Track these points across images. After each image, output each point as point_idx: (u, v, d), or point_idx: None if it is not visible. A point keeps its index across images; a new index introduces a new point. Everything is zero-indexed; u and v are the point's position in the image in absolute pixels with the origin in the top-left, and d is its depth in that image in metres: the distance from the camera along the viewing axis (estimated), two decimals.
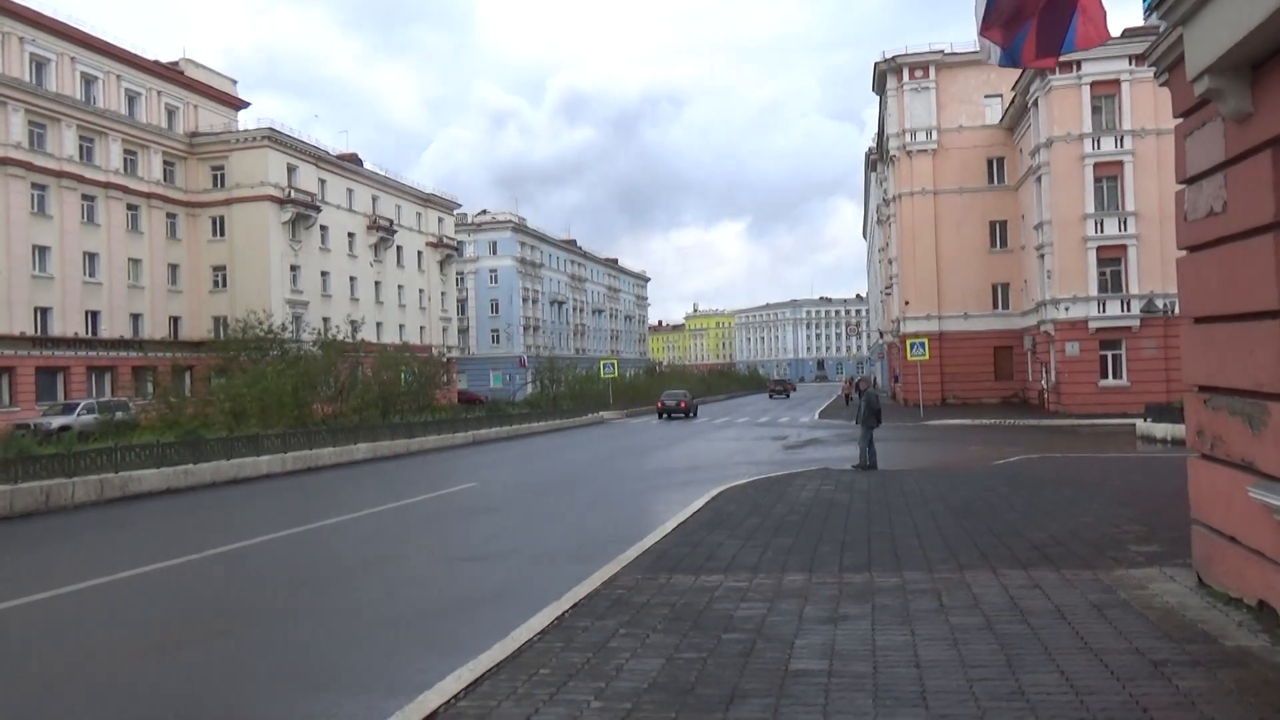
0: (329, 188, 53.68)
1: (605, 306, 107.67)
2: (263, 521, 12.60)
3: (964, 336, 43.18)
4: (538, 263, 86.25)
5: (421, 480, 17.78)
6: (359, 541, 10.62)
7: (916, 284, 44.00)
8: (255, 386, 25.03)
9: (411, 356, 36.66)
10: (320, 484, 17.62)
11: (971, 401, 42.06)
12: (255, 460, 18.77)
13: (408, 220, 62.70)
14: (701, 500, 11.95)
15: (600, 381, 51.92)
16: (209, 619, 7.15)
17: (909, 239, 44.45)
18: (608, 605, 6.60)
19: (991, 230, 43.65)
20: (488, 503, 13.84)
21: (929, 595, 6.60)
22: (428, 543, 10.47)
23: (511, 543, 10.14)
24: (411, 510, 13.23)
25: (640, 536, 9.46)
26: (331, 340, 31.91)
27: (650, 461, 20.64)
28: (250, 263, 47.54)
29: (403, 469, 20.40)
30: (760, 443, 25.14)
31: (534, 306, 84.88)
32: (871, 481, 13.75)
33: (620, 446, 26.08)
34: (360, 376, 31.07)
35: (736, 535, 9.28)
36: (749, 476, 15.13)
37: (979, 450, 20.66)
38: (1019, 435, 25.46)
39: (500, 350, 79.27)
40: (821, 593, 6.75)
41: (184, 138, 47.85)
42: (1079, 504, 10.82)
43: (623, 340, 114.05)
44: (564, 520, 11.84)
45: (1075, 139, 34.79)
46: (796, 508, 11.08)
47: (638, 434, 31.88)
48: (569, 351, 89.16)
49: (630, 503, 13.61)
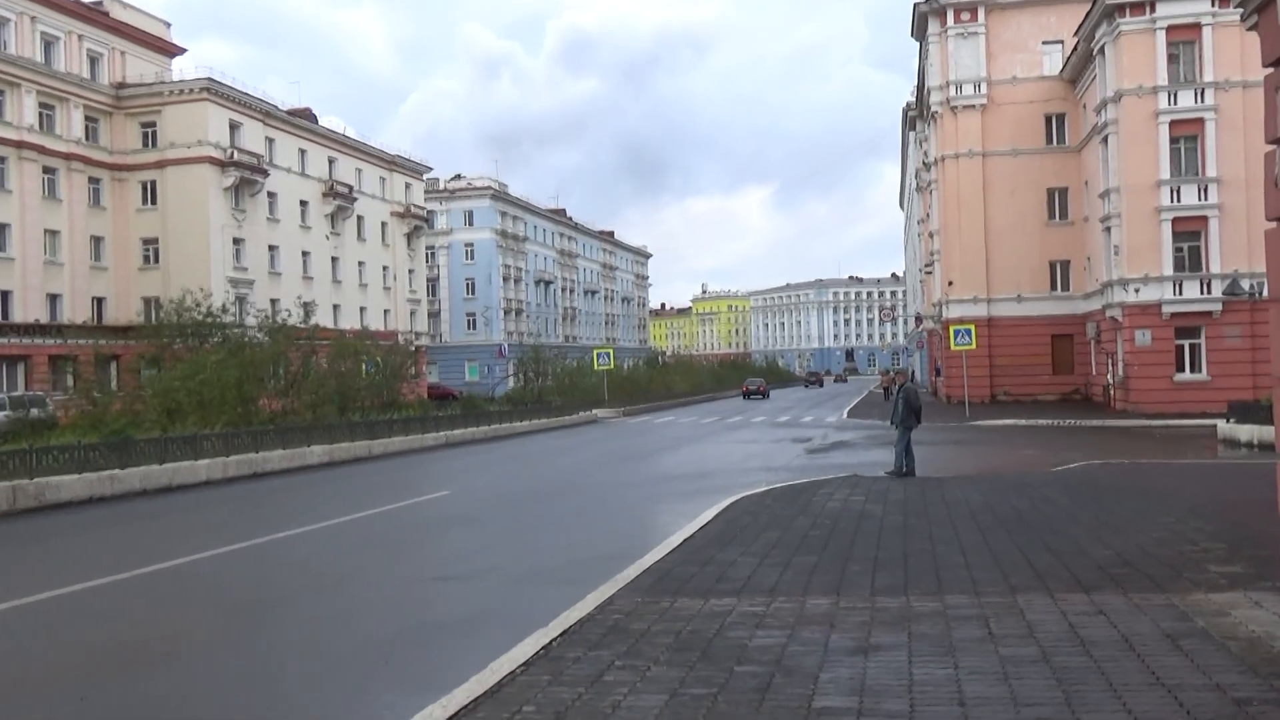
0: (278, 148, 53.66)
1: (599, 287, 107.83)
2: (201, 535, 12.64)
3: (1016, 323, 43.22)
4: (521, 236, 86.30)
5: (386, 488, 17.91)
6: (313, 559, 10.70)
7: (961, 261, 44.01)
8: (192, 379, 25.06)
9: (374, 345, 36.58)
10: (268, 492, 17.70)
11: (1025, 398, 42.12)
12: (193, 464, 18.83)
13: (370, 186, 62.70)
14: (711, 512, 12.04)
15: (593, 374, 52.03)
16: (135, 651, 7.18)
17: (953, 209, 44.43)
18: (602, 633, 6.63)
19: (1049, 199, 43.63)
20: (463, 514, 13.93)
21: (975, 622, 6.62)
22: (393, 560, 10.54)
23: (490, 560, 10.22)
24: (375, 522, 13.32)
25: (640, 553, 9.53)
26: (281, 325, 31.73)
27: (652, 467, 20.81)
28: (186, 235, 47.57)
29: (364, 475, 20.52)
30: (779, 445, 25.31)
31: (516, 287, 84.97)
32: (909, 490, 13.84)
33: (617, 449, 26.29)
34: (314, 368, 31.15)
35: (752, 552, 9.34)
36: (766, 484, 15.24)
37: (1034, 455, 20.72)
38: (1080, 438, 25.52)
39: (477, 338, 79.41)
40: (850, 619, 6.79)
41: (109, 89, 47.78)
42: (1150, 517, 10.87)
43: (620, 326, 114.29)
44: (551, 534, 11.94)
45: (1148, 93, 34.73)
46: (821, 521, 11.16)
47: (637, 435, 32.07)
48: (557, 339, 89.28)
49: (628, 514, 13.71)
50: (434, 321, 77.73)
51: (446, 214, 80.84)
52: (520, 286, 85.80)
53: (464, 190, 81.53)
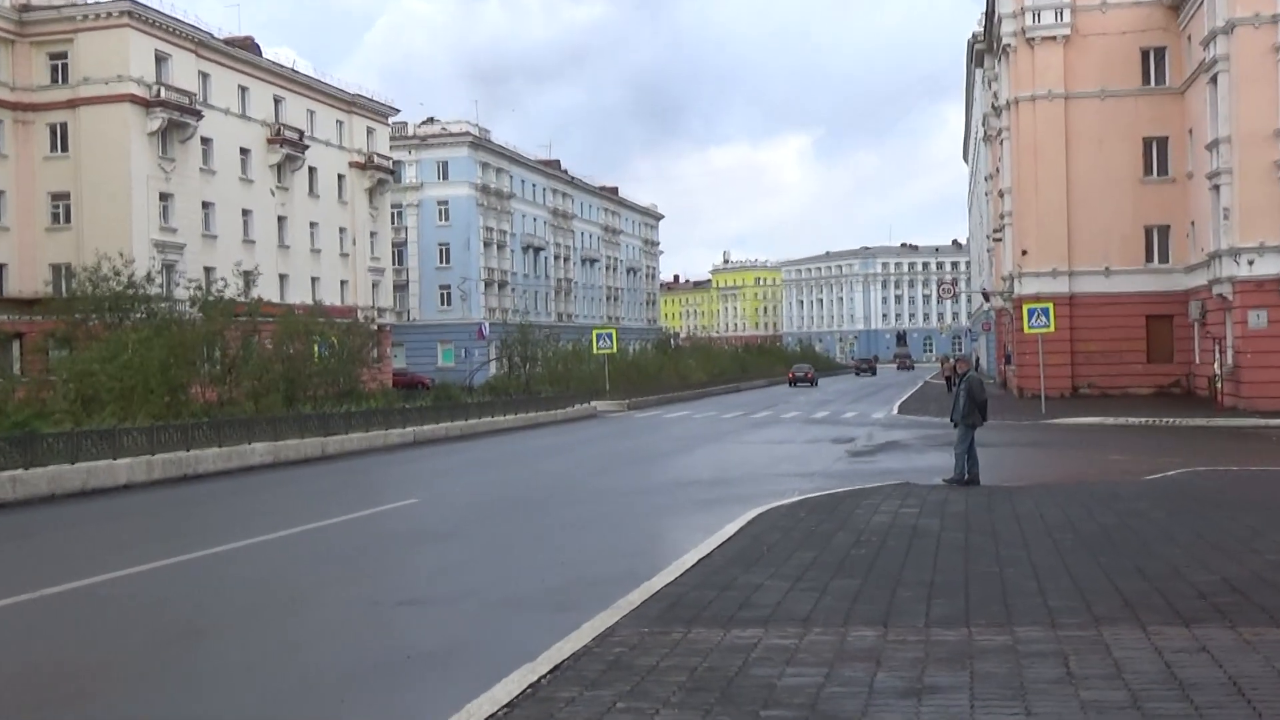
0: (214, 85, 53.69)
1: (600, 255, 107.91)
2: (122, 548, 12.70)
3: (1104, 301, 43.11)
4: (506, 192, 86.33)
5: (343, 494, 18.05)
6: (256, 578, 10.76)
7: (1038, 227, 43.87)
8: (112, 362, 25.13)
9: (328, 322, 36.56)
10: (202, 497, 17.77)
11: (1114, 392, 42.05)
12: (111, 464, 18.88)
13: (324, 131, 62.70)
14: (734, 525, 12.12)
15: (592, 360, 52.10)
16: (37, 690, 7.14)
17: (1028, 162, 44.27)
18: (602, 669, 6.64)
19: (1145, 151, 43.43)
20: (435, 525, 14.03)
21: (1051, 660, 6.63)
22: (351, 580, 10.62)
23: (468, 581, 10.31)
24: (329, 535, 13.38)
25: (647, 574, 9.57)
26: (217, 299, 31.81)
27: (663, 470, 20.93)
28: (104, 189, 47.66)
29: (316, 478, 20.59)
30: (816, 447, 25.39)
31: (500, 254, 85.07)
32: (972, 502, 13.90)
33: (621, 449, 26.43)
34: (257, 350, 31.20)
35: (782, 574, 9.37)
36: (800, 493, 15.34)
37: (1123, 460, 20.77)
38: (1180, 439, 25.53)
39: (452, 315, 79.57)
40: (900, 655, 6.79)
41: (11, 12, 47.83)
42: (1265, 536, 10.87)
43: (624, 302, 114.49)
44: (540, 551, 12.02)
45: (1266, 22, 34.47)
46: (866, 537, 11.22)
47: (646, 432, 32.31)
48: (548, 317, 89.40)
49: (634, 528, 13.82)
50: (401, 295, 77.86)
51: (416, 165, 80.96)
52: (504, 254, 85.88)
53: (438, 137, 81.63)
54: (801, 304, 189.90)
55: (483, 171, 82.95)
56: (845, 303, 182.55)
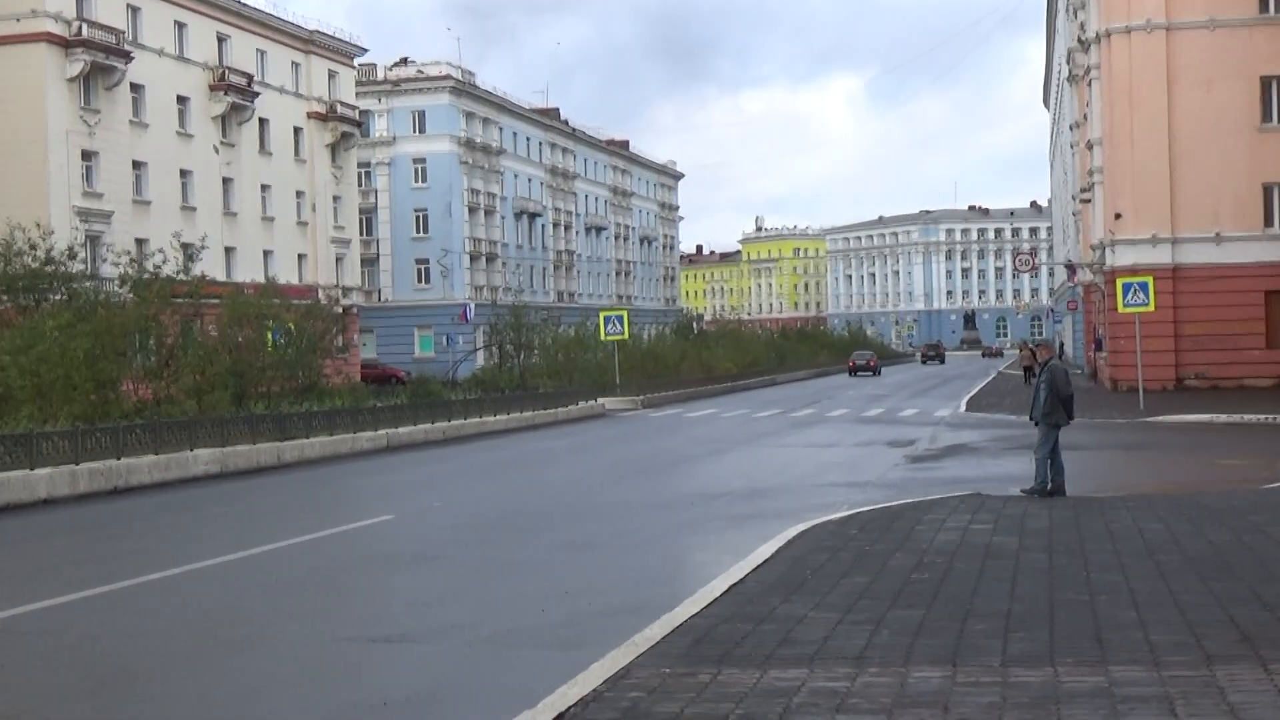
0: (146, 21, 53.77)
1: (608, 222, 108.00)
2: (40, 575, 12.73)
3: (1214, 273, 42.86)
4: (495, 147, 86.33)
5: (303, 510, 18.19)
6: (201, 611, 10.76)
7: (1134, 185, 43.65)
8: (26, 353, 25.17)
9: (284, 305, 36.54)
10: (137, 514, 17.75)
11: (1226, 384, 41.84)
12: (27, 475, 18.91)
13: (278, 76, 62.74)
14: (771, 546, 12.14)
15: (599, 348, 52.32)
16: None
17: (1122, 108, 44.03)
18: (615, 717, 6.64)
19: (1264, 93, 43.14)
20: (413, 547, 14.06)
21: (1154, 705, 6.59)
22: (314, 612, 10.66)
23: (452, 613, 10.36)
24: (286, 559, 13.43)
25: (668, 605, 9.56)
26: (152, 277, 31.82)
27: (685, 480, 21.00)
28: (14, 146, 47.82)
29: (271, 490, 20.71)
30: (868, 451, 25.45)
31: (488, 222, 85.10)
32: (1056, 516, 13.84)
33: (634, 455, 26.69)
34: (200, 338, 31.25)
35: (830, 603, 9.39)
36: (850, 507, 15.38)
37: (1239, 465, 20.68)
38: None
39: (431, 295, 79.64)
40: (972, 700, 6.78)
41: None
42: None
43: (637, 279, 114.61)
44: (538, 577, 12.05)
45: None
46: (930, 559, 11.26)
47: (663, 434, 32.52)
48: (546, 297, 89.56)
49: (652, 549, 13.86)
50: (370, 272, 78.06)
51: (387, 116, 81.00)
52: (493, 221, 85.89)
53: (413, 81, 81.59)
54: (849, 279, 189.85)
55: (467, 123, 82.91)
56: (902, 278, 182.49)
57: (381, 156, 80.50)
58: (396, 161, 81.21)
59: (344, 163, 68.75)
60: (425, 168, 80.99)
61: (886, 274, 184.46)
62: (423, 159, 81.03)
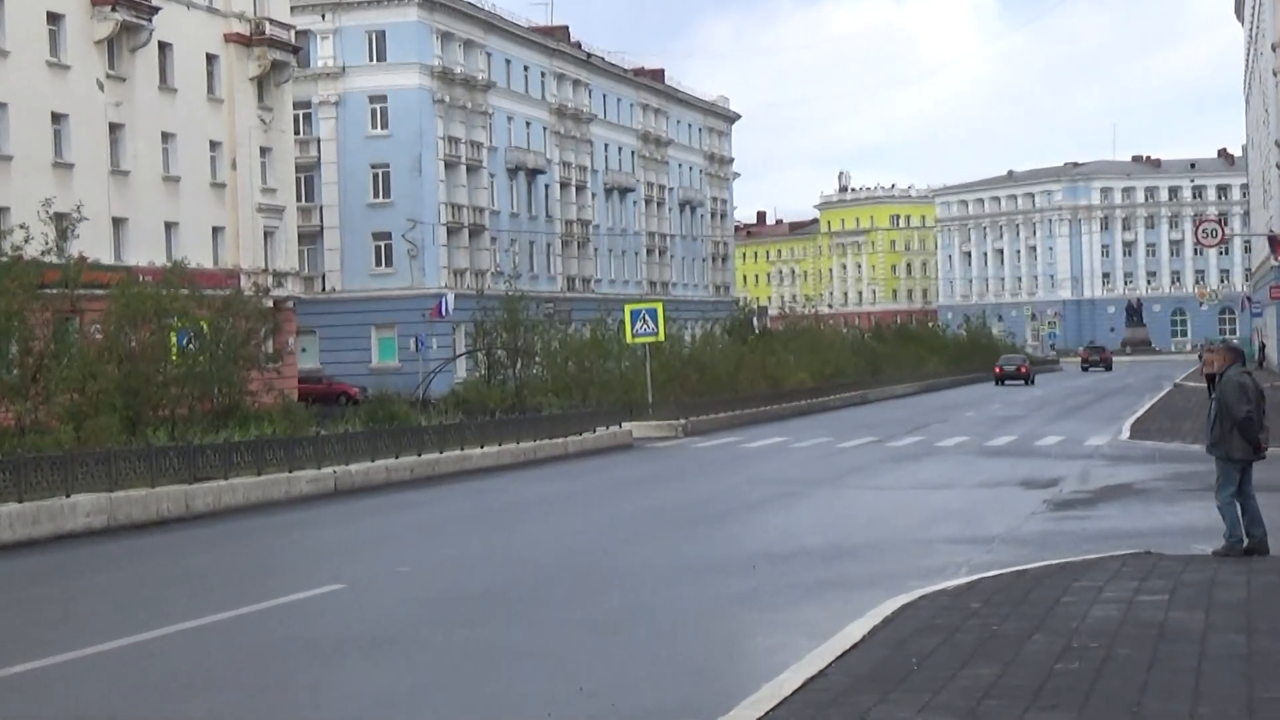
0: None
1: (636, 181, 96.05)
2: None
3: None
4: (479, 80, 77.09)
5: (219, 576, 16.86)
6: (80, 715, 9.73)
7: None
8: None
9: (194, 296, 34.05)
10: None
11: None
12: None
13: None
14: (863, 625, 11.03)
15: (625, 354, 48.05)
16: None
17: None
18: None
19: None
20: (371, 628, 12.83)
21: None
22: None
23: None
24: (196, 646, 12.18)
25: (721, 706, 8.71)
26: (13, 260, 29.24)
27: (742, 535, 19.61)
28: None
29: (177, 550, 19.19)
30: (995, 494, 23.92)
31: (471, 182, 75.36)
32: (1256, 583, 12.49)
33: (673, 500, 24.67)
34: (80, 342, 29.37)
35: (943, 704, 8.49)
36: (969, 572, 14.36)
37: None
38: None
39: (394, 283, 71.19)
40: None
41: None
42: None
43: (676, 258, 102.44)
44: (543, 668, 10.98)
45: None
46: (1081, 643, 10.13)
47: (714, 471, 30.73)
48: (552, 284, 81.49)
49: (698, 629, 12.65)
50: (311, 252, 70.24)
51: (334, 38, 71.58)
52: (479, 181, 76.29)
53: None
54: (968, 258, 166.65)
55: (443, 46, 73.28)
56: (1040, 256, 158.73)
57: (326, 94, 71.15)
58: (347, 100, 71.82)
59: (275, 102, 61.05)
60: (386, 109, 71.60)
61: (1019, 250, 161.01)
62: (382, 97, 71.49)
